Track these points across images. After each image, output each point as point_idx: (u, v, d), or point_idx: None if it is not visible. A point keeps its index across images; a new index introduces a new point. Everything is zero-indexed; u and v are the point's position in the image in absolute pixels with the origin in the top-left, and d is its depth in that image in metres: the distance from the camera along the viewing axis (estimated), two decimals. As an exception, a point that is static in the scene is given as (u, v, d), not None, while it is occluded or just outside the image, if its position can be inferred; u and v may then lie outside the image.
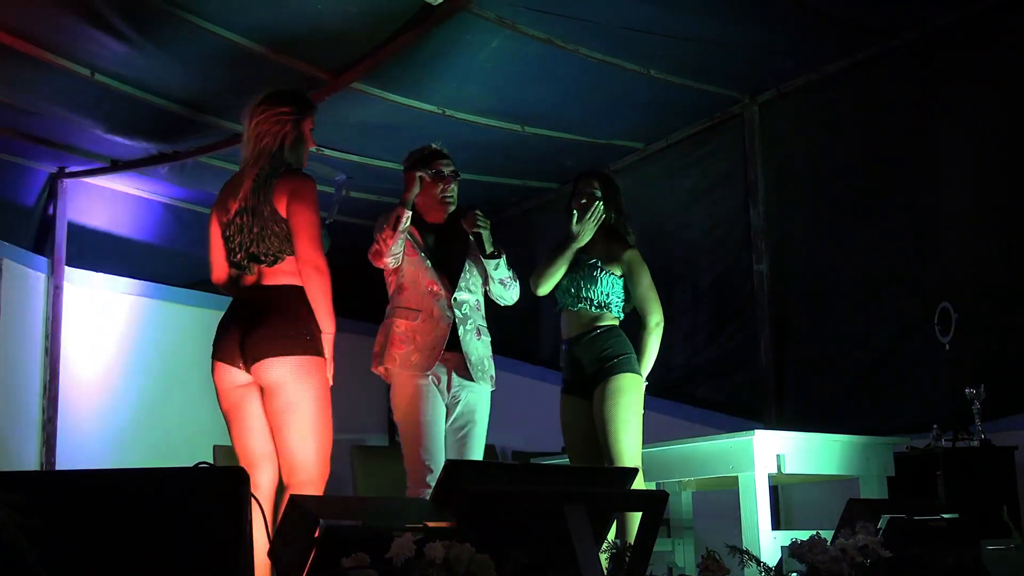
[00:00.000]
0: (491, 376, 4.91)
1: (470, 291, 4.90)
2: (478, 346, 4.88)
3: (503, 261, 4.91)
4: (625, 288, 5.06)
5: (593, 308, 5.00)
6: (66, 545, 2.11)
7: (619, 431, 4.79)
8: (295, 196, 4.02)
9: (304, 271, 4.01)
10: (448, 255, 4.92)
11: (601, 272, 5.00)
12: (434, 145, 4.98)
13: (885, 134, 6.14)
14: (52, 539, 1.83)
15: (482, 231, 4.83)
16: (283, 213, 4.01)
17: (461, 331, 4.81)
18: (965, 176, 5.73)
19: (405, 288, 4.85)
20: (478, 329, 4.90)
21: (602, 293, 4.99)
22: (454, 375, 4.81)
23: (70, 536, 2.15)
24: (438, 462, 4.59)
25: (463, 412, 4.84)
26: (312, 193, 4.08)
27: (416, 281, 4.84)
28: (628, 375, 4.88)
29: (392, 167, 7.43)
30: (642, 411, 4.89)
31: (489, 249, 4.88)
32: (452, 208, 4.95)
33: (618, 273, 5.03)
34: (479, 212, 4.84)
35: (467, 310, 4.87)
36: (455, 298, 4.83)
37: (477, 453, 4.85)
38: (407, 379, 4.78)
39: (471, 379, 4.82)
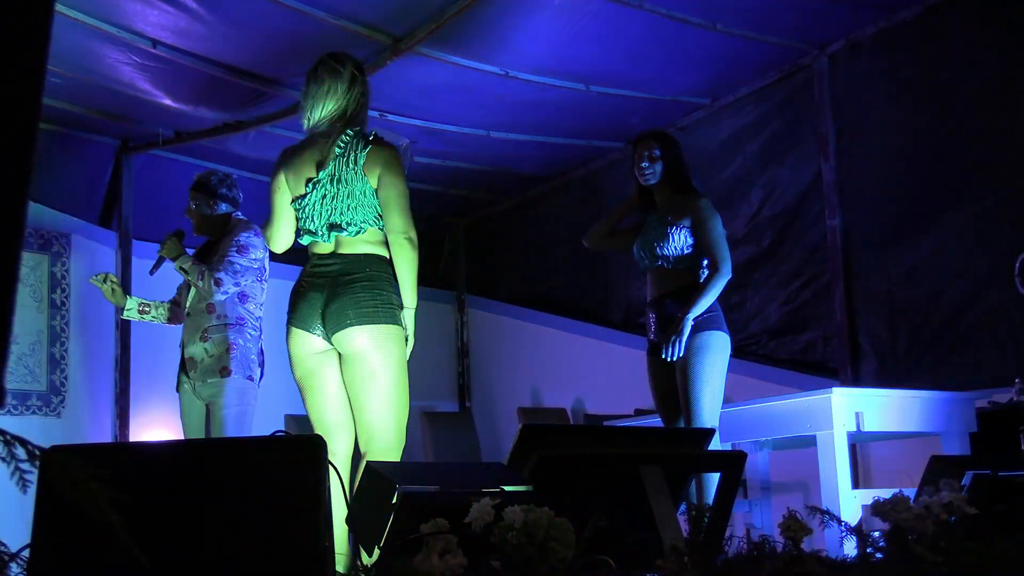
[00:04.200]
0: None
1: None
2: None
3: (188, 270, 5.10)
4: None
5: (671, 266, 4.87)
6: (147, 516, 2.12)
7: (699, 389, 4.67)
8: (388, 167, 4.03)
9: (396, 241, 4.02)
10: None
11: (673, 228, 4.83)
12: None
13: (960, 82, 5.95)
14: (134, 510, 1.83)
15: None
16: (372, 183, 4.01)
17: None
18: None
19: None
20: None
21: (677, 249, 4.84)
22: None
23: (151, 507, 2.15)
24: None
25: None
26: (401, 163, 4.10)
27: None
28: (714, 333, 4.73)
29: (456, 131, 7.41)
30: (725, 371, 4.77)
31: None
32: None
33: (689, 225, 4.83)
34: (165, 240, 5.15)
35: None
36: None
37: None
38: None
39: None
